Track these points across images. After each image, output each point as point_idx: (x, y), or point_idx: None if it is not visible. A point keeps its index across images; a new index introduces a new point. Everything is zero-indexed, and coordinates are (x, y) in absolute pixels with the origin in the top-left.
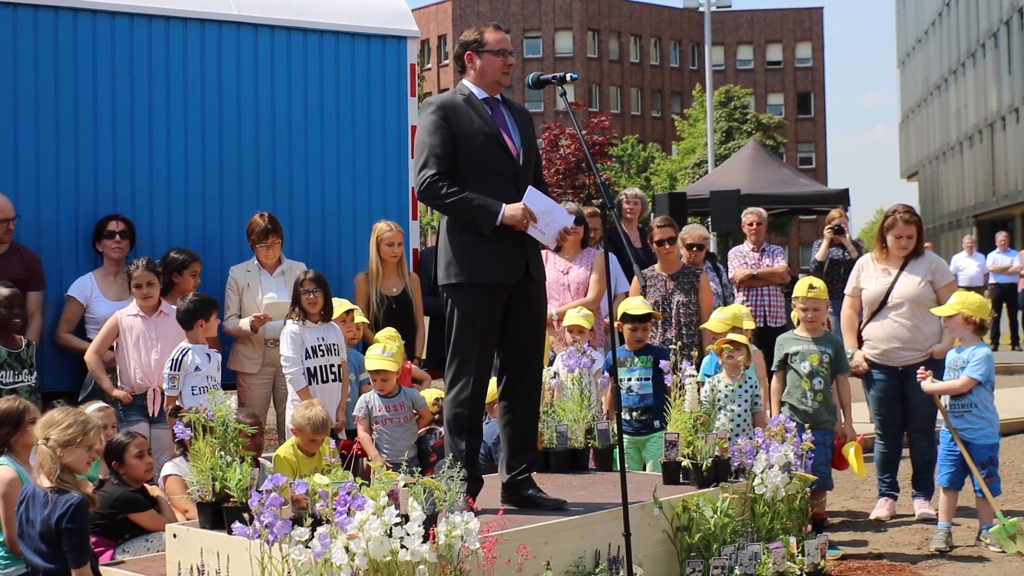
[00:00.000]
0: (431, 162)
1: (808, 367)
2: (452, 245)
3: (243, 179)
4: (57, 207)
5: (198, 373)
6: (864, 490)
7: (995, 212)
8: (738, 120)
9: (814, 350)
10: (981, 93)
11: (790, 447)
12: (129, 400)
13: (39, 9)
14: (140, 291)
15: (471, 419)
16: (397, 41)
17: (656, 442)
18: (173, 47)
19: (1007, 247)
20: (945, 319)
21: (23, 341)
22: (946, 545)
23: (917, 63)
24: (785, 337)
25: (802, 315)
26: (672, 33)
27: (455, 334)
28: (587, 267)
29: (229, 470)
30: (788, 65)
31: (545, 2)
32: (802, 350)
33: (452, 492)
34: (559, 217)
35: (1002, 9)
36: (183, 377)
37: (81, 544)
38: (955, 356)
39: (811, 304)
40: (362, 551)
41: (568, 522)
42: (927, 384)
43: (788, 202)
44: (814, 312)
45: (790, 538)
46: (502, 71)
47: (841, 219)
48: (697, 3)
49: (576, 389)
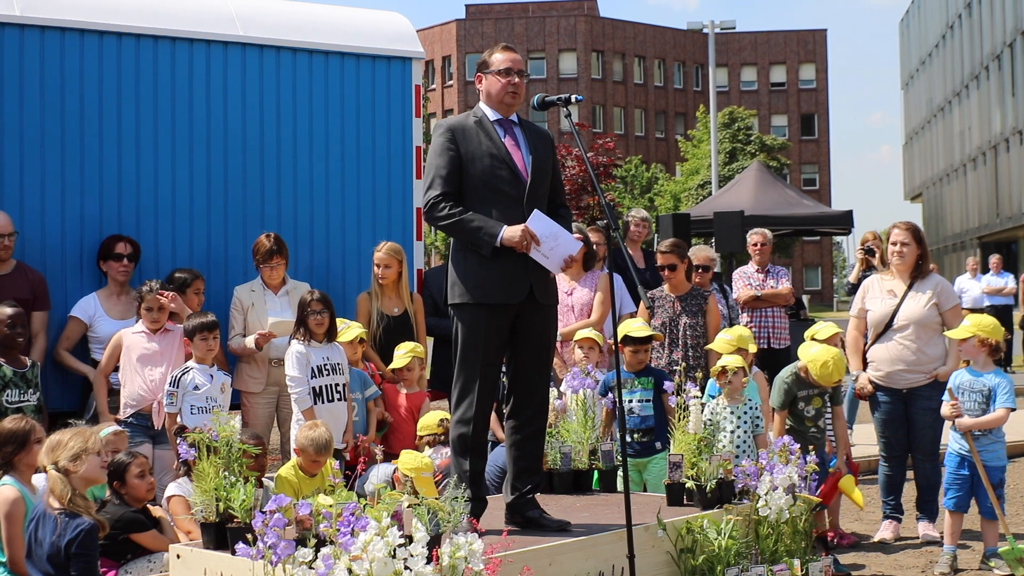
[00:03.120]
0: (436, 183)
1: (812, 411)
2: (457, 266)
3: (248, 199)
4: (62, 227)
5: (197, 392)
6: (868, 512)
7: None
8: (742, 141)
9: (816, 393)
10: (985, 115)
11: (794, 469)
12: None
13: (45, 30)
14: (150, 314)
15: (475, 439)
16: (402, 62)
17: (657, 464)
18: (179, 68)
19: (1000, 269)
20: (960, 342)
21: (28, 361)
22: (950, 568)
23: (921, 85)
24: (788, 381)
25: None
26: (676, 54)
27: (459, 354)
28: (591, 288)
29: (233, 490)
30: (792, 86)
31: (550, 23)
32: (806, 395)
33: (456, 513)
34: (564, 243)
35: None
36: (181, 395)
37: (90, 569)
38: (970, 379)
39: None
40: (365, 572)
41: (572, 543)
42: (964, 421)
43: (792, 223)
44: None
45: (794, 560)
46: (506, 91)
47: (874, 242)
48: (701, 24)
49: (580, 410)
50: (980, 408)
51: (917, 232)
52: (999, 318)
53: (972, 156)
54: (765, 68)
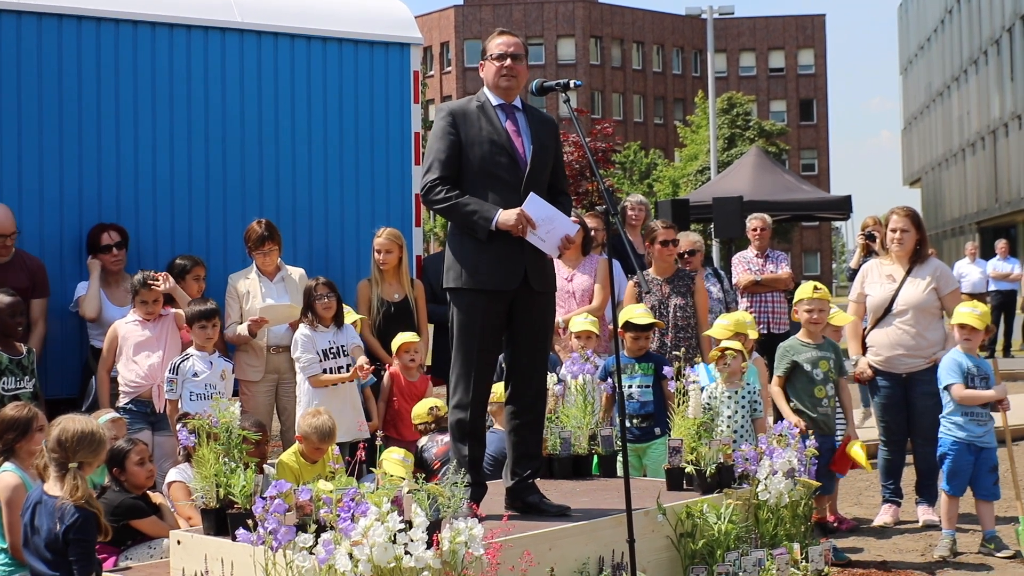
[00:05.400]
0: (435, 167)
1: (821, 374)
2: (453, 250)
3: (246, 186)
4: (60, 215)
5: (196, 379)
6: (868, 496)
7: (998, 219)
8: (740, 127)
9: (821, 356)
10: (984, 100)
11: (793, 453)
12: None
13: (43, 17)
14: (145, 307)
15: (473, 424)
16: (400, 48)
17: (656, 449)
18: (176, 54)
19: (1007, 254)
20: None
21: (23, 348)
22: (950, 552)
23: (920, 70)
24: (790, 345)
25: (807, 316)
26: (675, 40)
27: (456, 339)
28: (591, 274)
29: (233, 476)
30: (790, 72)
31: (548, 9)
32: (812, 357)
33: (456, 498)
34: (560, 225)
35: (1004, 16)
36: (181, 381)
37: (88, 555)
38: (971, 364)
39: (816, 305)
40: (366, 557)
41: (572, 528)
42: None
43: (790, 209)
44: (819, 313)
45: (794, 544)
46: (499, 75)
47: (874, 227)
48: (699, 10)
49: (580, 396)
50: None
51: (916, 217)
52: (1004, 303)
53: (971, 141)
54: (764, 53)
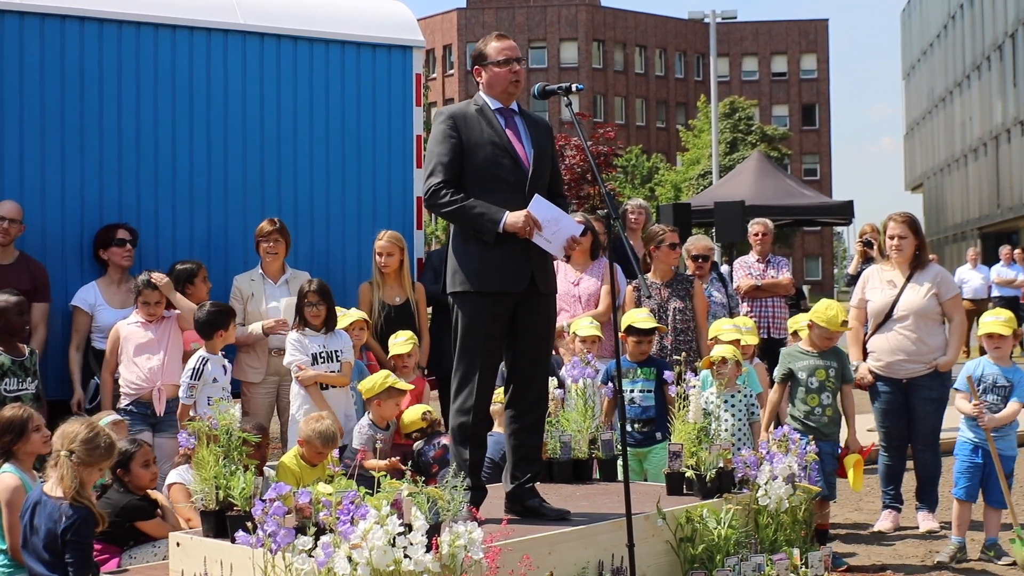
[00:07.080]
0: (437, 170)
1: (816, 382)
2: (458, 253)
3: (248, 188)
4: (63, 216)
5: (215, 384)
6: (868, 502)
7: (1000, 224)
8: (743, 131)
9: (821, 364)
10: (986, 105)
11: (794, 458)
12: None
13: (46, 18)
14: (147, 308)
15: (475, 428)
16: (403, 51)
17: (657, 454)
18: (179, 56)
19: (1011, 260)
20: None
21: (26, 349)
22: (950, 559)
23: (922, 75)
24: (790, 351)
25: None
26: (677, 44)
27: (459, 342)
28: (598, 278)
29: (233, 479)
30: (793, 76)
31: (551, 12)
32: (809, 365)
33: (456, 502)
34: (566, 226)
35: (1007, 22)
36: (202, 387)
37: (84, 557)
38: (995, 372)
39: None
40: (365, 560)
41: (571, 532)
42: (991, 420)
43: (792, 213)
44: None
45: (794, 550)
46: (510, 80)
47: (872, 234)
48: (702, 14)
49: (580, 400)
50: (1002, 403)
51: (913, 223)
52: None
53: (973, 147)
54: (766, 58)
